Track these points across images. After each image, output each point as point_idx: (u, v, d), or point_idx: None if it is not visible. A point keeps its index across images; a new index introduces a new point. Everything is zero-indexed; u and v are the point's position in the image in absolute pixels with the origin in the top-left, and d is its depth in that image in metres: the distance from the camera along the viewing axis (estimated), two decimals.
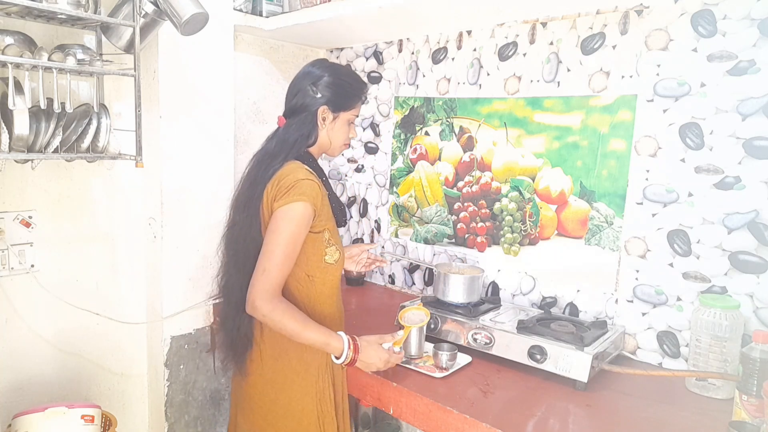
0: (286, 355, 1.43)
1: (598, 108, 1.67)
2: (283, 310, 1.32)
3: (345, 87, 1.47)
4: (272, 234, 1.34)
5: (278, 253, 1.32)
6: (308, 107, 1.44)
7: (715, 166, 1.46)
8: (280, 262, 1.32)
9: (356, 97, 1.50)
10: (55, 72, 1.44)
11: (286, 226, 1.33)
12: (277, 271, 1.32)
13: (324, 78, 1.44)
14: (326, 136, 1.48)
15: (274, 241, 1.33)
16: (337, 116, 1.47)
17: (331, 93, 1.44)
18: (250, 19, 2.06)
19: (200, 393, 2.02)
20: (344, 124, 1.49)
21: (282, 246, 1.32)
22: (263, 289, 1.31)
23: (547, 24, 1.77)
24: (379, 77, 2.29)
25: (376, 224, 2.34)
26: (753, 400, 1.18)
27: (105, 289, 1.90)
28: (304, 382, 1.43)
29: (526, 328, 1.52)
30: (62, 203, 1.78)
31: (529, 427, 1.22)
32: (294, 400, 1.43)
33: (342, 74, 1.48)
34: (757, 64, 1.38)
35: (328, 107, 1.45)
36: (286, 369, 1.43)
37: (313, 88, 1.44)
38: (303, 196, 1.33)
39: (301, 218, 1.34)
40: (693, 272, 1.51)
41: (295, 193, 1.33)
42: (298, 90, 1.46)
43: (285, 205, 1.33)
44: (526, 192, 1.84)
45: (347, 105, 1.48)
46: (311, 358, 1.43)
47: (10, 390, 1.71)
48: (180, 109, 1.86)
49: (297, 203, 1.33)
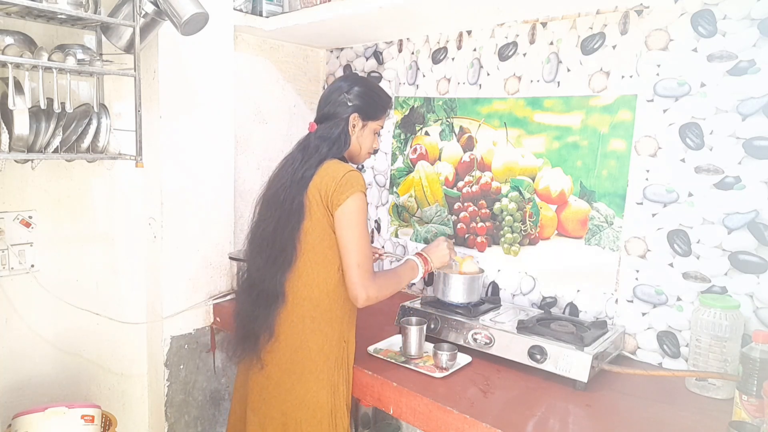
0: (307, 345, 1.46)
1: (598, 108, 1.67)
2: (384, 284, 1.45)
3: (374, 98, 1.56)
4: (350, 230, 1.41)
5: (363, 245, 1.42)
6: (340, 114, 1.52)
7: (715, 166, 1.46)
8: (366, 251, 1.42)
9: (383, 108, 1.59)
10: (55, 72, 1.44)
11: (359, 218, 1.42)
12: (368, 260, 1.43)
13: (355, 88, 1.54)
14: (356, 142, 1.56)
15: (355, 236, 1.41)
16: (366, 125, 1.56)
17: (361, 102, 1.53)
18: (250, 19, 2.06)
19: (200, 393, 2.02)
20: (371, 133, 1.58)
21: (363, 238, 1.42)
22: (365, 279, 1.41)
23: (547, 24, 1.77)
24: (379, 77, 2.29)
25: (376, 224, 2.34)
26: (753, 400, 1.18)
27: (105, 289, 1.90)
28: (322, 374, 1.45)
29: (526, 328, 1.52)
30: (62, 203, 1.78)
31: (529, 427, 1.22)
32: (310, 392, 1.45)
33: (372, 86, 1.59)
34: (757, 64, 1.38)
35: (358, 115, 1.53)
36: (306, 360, 1.46)
37: (347, 96, 1.53)
38: (360, 186, 1.43)
39: (364, 208, 1.44)
40: (693, 272, 1.51)
41: (353, 185, 1.41)
42: (331, 99, 1.55)
43: (349, 197, 1.40)
44: (526, 192, 1.84)
45: (375, 115, 1.57)
46: (330, 350, 1.46)
47: (10, 390, 1.71)
48: (180, 109, 1.86)
49: (359, 194, 1.41)
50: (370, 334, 1.69)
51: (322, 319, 1.46)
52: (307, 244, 1.44)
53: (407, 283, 1.56)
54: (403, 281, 1.54)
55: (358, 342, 1.55)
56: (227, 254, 2.04)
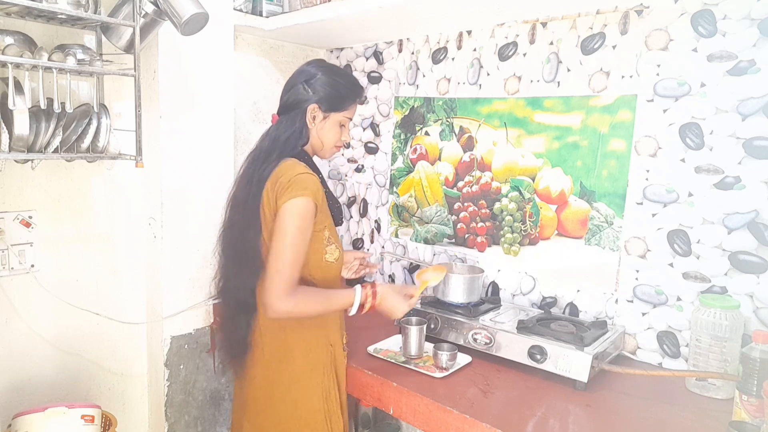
0: (291, 354, 1.43)
1: (598, 108, 1.67)
2: (303, 301, 1.34)
3: (338, 87, 1.45)
4: (279, 233, 1.33)
5: (288, 252, 1.31)
6: (299, 105, 1.44)
7: (715, 166, 1.46)
8: (292, 260, 1.32)
9: (348, 99, 1.48)
10: (55, 72, 1.44)
11: (292, 222, 1.32)
12: (290, 269, 1.32)
13: (317, 76, 1.44)
14: (316, 136, 1.47)
15: (283, 241, 1.32)
16: (327, 116, 1.46)
17: (322, 92, 1.43)
18: (250, 19, 2.06)
19: (200, 393, 2.02)
20: (335, 125, 1.48)
21: (291, 244, 1.32)
22: (280, 290, 1.30)
23: (547, 24, 1.77)
24: (379, 77, 2.29)
25: (376, 224, 2.34)
26: (753, 400, 1.18)
27: (105, 289, 1.90)
28: (311, 381, 1.43)
29: (526, 328, 1.52)
30: (62, 203, 1.77)
31: (529, 427, 1.22)
32: (301, 401, 1.43)
33: (336, 74, 1.47)
34: (757, 64, 1.38)
35: (318, 106, 1.44)
36: (292, 369, 1.43)
37: (305, 86, 1.43)
38: (305, 191, 1.33)
39: (305, 213, 1.33)
40: (693, 272, 1.51)
41: (296, 188, 1.32)
42: (291, 87, 1.46)
43: (287, 201, 1.32)
44: (526, 192, 1.84)
45: (339, 106, 1.46)
46: (316, 357, 1.44)
47: (10, 390, 1.71)
48: (180, 109, 1.86)
49: (299, 198, 1.32)
50: (370, 334, 1.69)
51: (302, 327, 1.42)
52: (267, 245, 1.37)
53: (339, 309, 1.43)
54: (332, 305, 1.40)
55: (358, 342, 1.55)
56: None
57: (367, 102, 2.34)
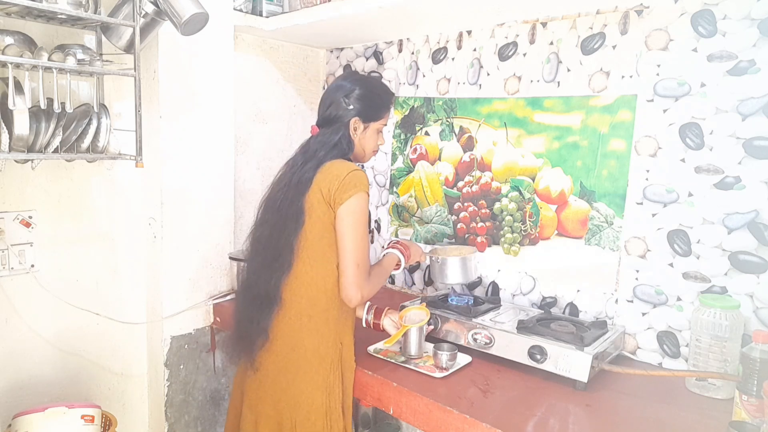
0: (302, 346, 1.46)
1: (598, 108, 1.67)
2: (374, 280, 1.47)
3: (375, 99, 1.55)
4: (350, 228, 1.41)
5: (362, 246, 1.42)
6: (341, 118, 1.52)
7: (715, 166, 1.46)
8: (366, 252, 1.43)
9: (384, 108, 1.58)
10: (55, 72, 1.44)
11: (361, 218, 1.42)
12: (367, 260, 1.44)
13: (356, 91, 1.52)
14: (359, 145, 1.56)
15: (355, 237, 1.41)
16: (368, 126, 1.55)
17: (362, 105, 1.52)
18: (250, 19, 2.06)
19: (200, 393, 2.02)
20: (374, 133, 1.58)
21: (363, 238, 1.43)
22: (361, 280, 1.41)
23: (547, 24, 1.77)
24: (379, 77, 2.29)
25: (376, 224, 2.34)
26: (753, 400, 1.18)
27: (105, 289, 1.90)
28: (317, 375, 1.45)
29: (526, 328, 1.52)
30: (62, 203, 1.77)
31: (529, 427, 1.22)
32: (304, 393, 1.45)
33: (372, 87, 1.57)
34: (757, 64, 1.38)
35: (359, 118, 1.52)
36: (301, 360, 1.46)
37: (346, 101, 1.52)
38: (363, 186, 1.43)
39: (365, 208, 1.44)
40: (693, 272, 1.51)
41: (357, 184, 1.41)
42: (332, 102, 1.54)
43: (352, 196, 1.40)
44: (526, 192, 1.84)
45: (377, 116, 1.56)
46: (326, 351, 1.46)
47: (10, 390, 1.71)
48: (180, 109, 1.86)
49: (360, 194, 1.41)
50: (371, 334, 1.69)
51: (318, 318, 1.46)
52: (306, 242, 1.44)
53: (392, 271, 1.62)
54: (388, 275, 1.59)
55: (358, 342, 1.54)
56: (227, 254, 2.04)
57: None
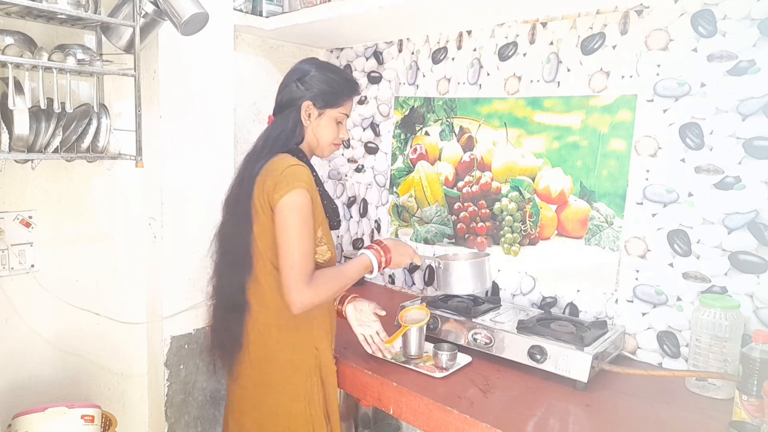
0: (275, 357, 1.42)
1: (598, 108, 1.67)
2: (322, 285, 1.33)
3: (332, 83, 1.43)
4: (283, 230, 1.31)
5: (296, 246, 1.30)
6: (293, 103, 1.43)
7: (715, 166, 1.46)
8: (302, 252, 1.30)
9: (344, 94, 1.46)
10: (55, 72, 1.44)
11: (293, 216, 1.30)
12: (303, 261, 1.30)
13: (311, 73, 1.43)
14: (312, 134, 1.45)
15: (288, 236, 1.31)
16: (322, 113, 1.44)
17: (316, 88, 1.42)
18: (250, 19, 2.06)
19: (200, 393, 2.02)
20: (331, 121, 1.46)
21: (297, 238, 1.30)
22: (298, 283, 1.29)
23: (547, 24, 1.77)
24: (379, 77, 2.29)
25: (376, 224, 2.34)
26: (753, 400, 1.18)
27: (105, 289, 1.89)
28: (293, 386, 1.42)
29: (526, 328, 1.52)
30: (62, 203, 1.77)
31: (529, 427, 1.22)
32: (282, 404, 1.42)
33: (329, 70, 1.46)
34: (757, 64, 1.38)
35: (313, 103, 1.43)
36: (275, 371, 1.42)
37: (298, 84, 1.42)
38: (299, 182, 1.31)
39: (303, 204, 1.32)
40: (693, 272, 1.51)
41: (290, 181, 1.31)
42: (285, 86, 1.46)
43: (284, 195, 1.30)
44: (526, 192, 1.84)
45: (334, 102, 1.44)
46: (300, 360, 1.42)
47: (10, 390, 1.71)
48: (180, 109, 1.86)
49: (296, 191, 1.30)
50: None
51: (288, 328, 1.40)
52: (261, 245, 1.37)
53: (360, 276, 1.42)
54: (349, 280, 1.39)
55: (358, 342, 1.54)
56: None
57: (367, 102, 2.34)
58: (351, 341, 1.58)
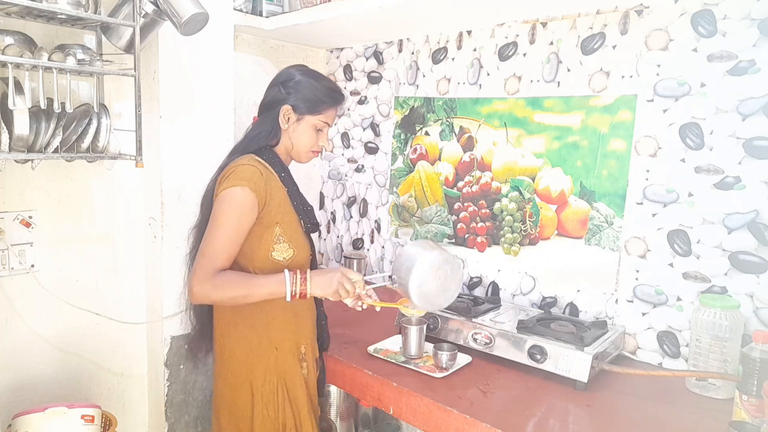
0: (233, 355, 1.43)
1: (598, 108, 1.67)
2: (223, 284, 1.29)
3: (314, 90, 1.43)
4: (211, 221, 1.34)
5: (215, 238, 1.30)
6: (274, 105, 1.44)
7: (715, 166, 1.46)
8: (218, 246, 1.30)
9: (324, 103, 1.44)
10: (55, 72, 1.44)
11: (224, 210, 1.31)
12: (215, 254, 1.29)
13: (295, 78, 1.44)
14: (288, 138, 1.45)
15: (211, 227, 1.33)
16: (301, 118, 1.43)
17: (298, 94, 1.42)
18: (250, 19, 2.06)
19: (200, 393, 2.02)
20: (309, 128, 1.44)
21: (219, 231, 1.31)
22: (200, 274, 1.28)
23: (547, 24, 1.77)
24: (379, 77, 2.29)
25: (376, 224, 2.34)
26: (753, 400, 1.18)
27: (105, 289, 1.89)
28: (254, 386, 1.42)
29: (526, 328, 1.52)
30: (62, 203, 1.77)
31: (529, 427, 1.22)
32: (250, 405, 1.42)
33: (314, 78, 1.46)
34: (757, 64, 1.38)
35: (292, 108, 1.43)
36: (235, 370, 1.43)
37: (282, 87, 1.44)
38: (241, 180, 1.31)
39: (239, 201, 1.30)
40: (693, 272, 1.51)
41: (233, 178, 1.32)
42: (270, 88, 1.48)
43: (222, 190, 1.32)
44: (526, 192, 1.84)
45: (314, 109, 1.43)
46: (256, 359, 1.42)
47: (10, 390, 1.71)
48: (180, 109, 1.86)
49: (234, 188, 1.31)
50: (370, 334, 1.69)
51: (244, 324, 1.41)
52: None
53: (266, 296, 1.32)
54: (256, 289, 1.31)
55: (358, 342, 1.54)
56: None
57: (367, 102, 2.34)
58: (351, 341, 1.58)
